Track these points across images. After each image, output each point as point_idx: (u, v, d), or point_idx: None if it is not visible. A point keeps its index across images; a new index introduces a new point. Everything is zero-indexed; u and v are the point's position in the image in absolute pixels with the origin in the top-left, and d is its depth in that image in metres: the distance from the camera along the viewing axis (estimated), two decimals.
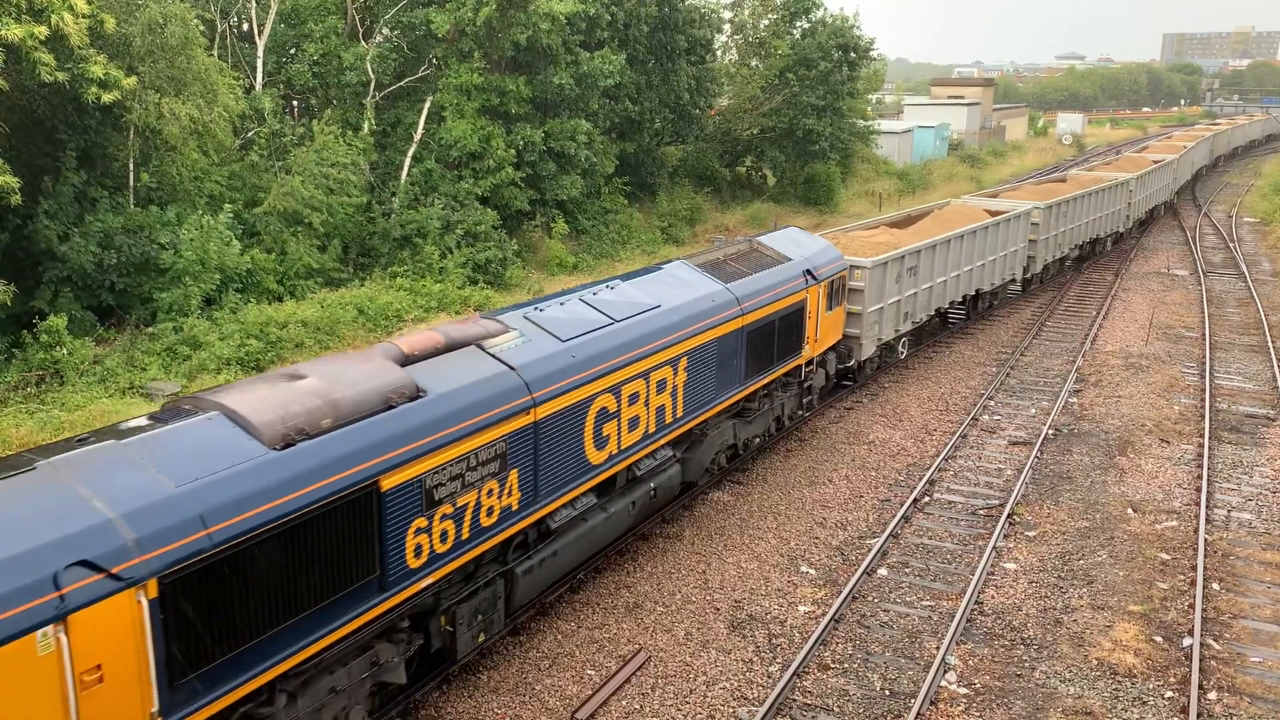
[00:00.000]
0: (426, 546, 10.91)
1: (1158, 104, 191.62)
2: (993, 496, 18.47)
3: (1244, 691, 12.71)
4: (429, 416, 10.84)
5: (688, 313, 15.85)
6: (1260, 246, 45.79)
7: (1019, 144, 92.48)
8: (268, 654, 9.25)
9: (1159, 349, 28.08)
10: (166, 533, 8.29)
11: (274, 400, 9.99)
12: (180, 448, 9.07)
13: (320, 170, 28.11)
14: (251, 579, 9.00)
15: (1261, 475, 19.47)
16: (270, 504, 9.08)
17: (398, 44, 34.25)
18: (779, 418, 20.21)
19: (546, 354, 12.89)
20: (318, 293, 26.96)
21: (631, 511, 15.03)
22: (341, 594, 9.92)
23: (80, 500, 8.12)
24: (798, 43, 48.76)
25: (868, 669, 13.12)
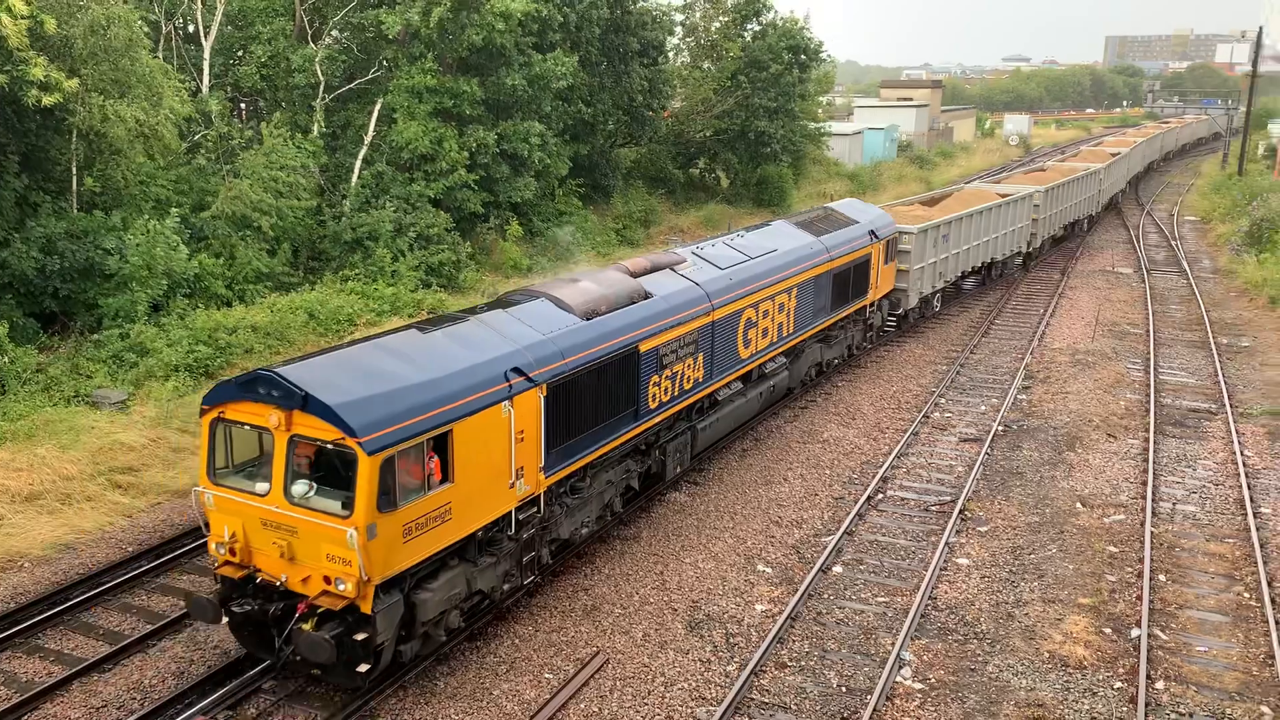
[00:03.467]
0: (658, 395, 16.32)
1: (1101, 105, 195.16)
2: (945, 493, 18.70)
3: (1190, 680, 13.00)
4: (657, 310, 16.35)
5: (795, 256, 21.37)
6: (1201, 244, 46.83)
7: (967, 145, 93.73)
8: (585, 447, 14.56)
9: (1105, 345, 28.61)
10: (546, 359, 13.58)
11: (574, 291, 15.39)
12: (534, 315, 14.39)
13: (269, 173, 27.74)
14: (581, 397, 14.19)
15: (1204, 468, 19.91)
16: (587, 351, 14.36)
17: (347, 45, 33.92)
18: (849, 346, 25.81)
19: (714, 276, 18.38)
20: (268, 297, 26.60)
21: (760, 399, 20.68)
22: (618, 416, 15.28)
23: (503, 338, 13.45)
24: (749, 45, 49.06)
25: (824, 666, 13.23)
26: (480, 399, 12.23)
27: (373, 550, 10.94)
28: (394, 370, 11.84)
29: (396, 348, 12.44)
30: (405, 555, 11.43)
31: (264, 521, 11.52)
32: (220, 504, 11.82)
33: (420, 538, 11.55)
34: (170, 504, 17.69)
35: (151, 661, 13.06)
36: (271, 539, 11.49)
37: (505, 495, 12.87)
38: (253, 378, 11.44)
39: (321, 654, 10.99)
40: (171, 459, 19.10)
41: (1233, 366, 26.68)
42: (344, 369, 11.75)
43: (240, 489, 11.73)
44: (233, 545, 11.70)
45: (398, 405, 11.32)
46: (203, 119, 29.09)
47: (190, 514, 17.35)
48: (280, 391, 11.16)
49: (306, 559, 11.32)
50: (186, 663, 13.03)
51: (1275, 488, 18.93)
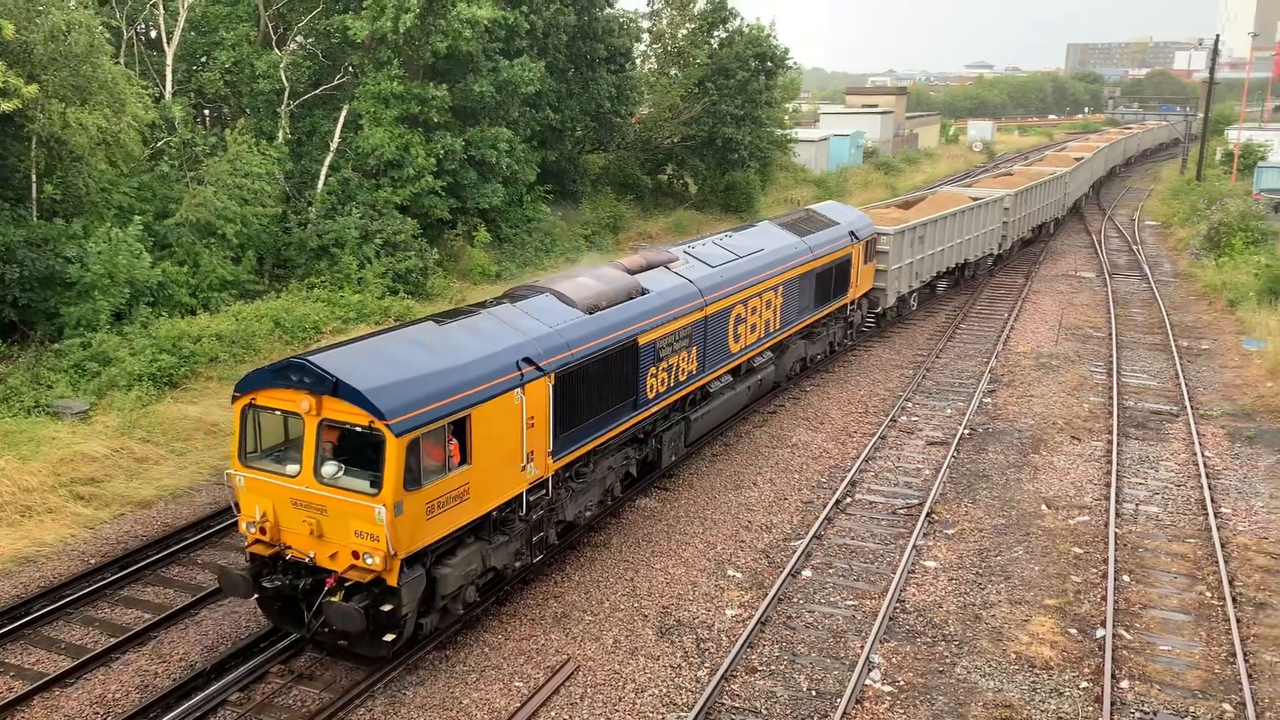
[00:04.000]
0: (655, 386, 17.24)
1: (1063, 111, 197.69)
2: (912, 496, 18.84)
3: (1154, 679, 13.16)
4: (653, 305, 17.21)
5: (780, 255, 22.25)
6: (1161, 248, 47.53)
7: (931, 151, 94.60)
8: (589, 434, 15.44)
9: (1068, 349, 28.96)
10: (554, 349, 14.46)
11: (576, 287, 16.28)
12: (541, 309, 15.28)
13: (234, 180, 27.49)
14: (585, 386, 15.06)
15: (1167, 469, 20.20)
16: (590, 343, 15.22)
17: (312, 51, 33.71)
18: (831, 343, 26.78)
19: (706, 274, 19.29)
20: (232, 305, 26.35)
21: (749, 392, 21.70)
22: (619, 405, 16.18)
23: (513, 330, 14.29)
24: (716, 52, 49.28)
25: (794, 670, 13.28)
26: (495, 386, 13.14)
27: (399, 526, 11.76)
28: (416, 359, 12.74)
29: (417, 338, 13.42)
30: (428, 532, 12.27)
31: (294, 501, 12.26)
32: (251, 485, 12.55)
33: (441, 515, 12.41)
34: (134, 515, 17.47)
35: (115, 675, 12.88)
36: (301, 518, 12.25)
37: (517, 478, 13.79)
38: (285, 365, 12.26)
39: (352, 623, 11.75)
40: (135, 469, 18.86)
41: (1193, 369, 27.09)
42: (370, 357, 12.62)
43: (271, 471, 12.50)
44: (263, 525, 12.41)
45: (421, 391, 12.19)
46: (166, 125, 28.78)
47: (154, 525, 17.15)
48: (311, 378, 11.97)
49: (335, 536, 12.08)
50: (151, 675, 12.86)
51: (1235, 488, 19.24)
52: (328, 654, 13.18)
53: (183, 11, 30.07)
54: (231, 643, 13.57)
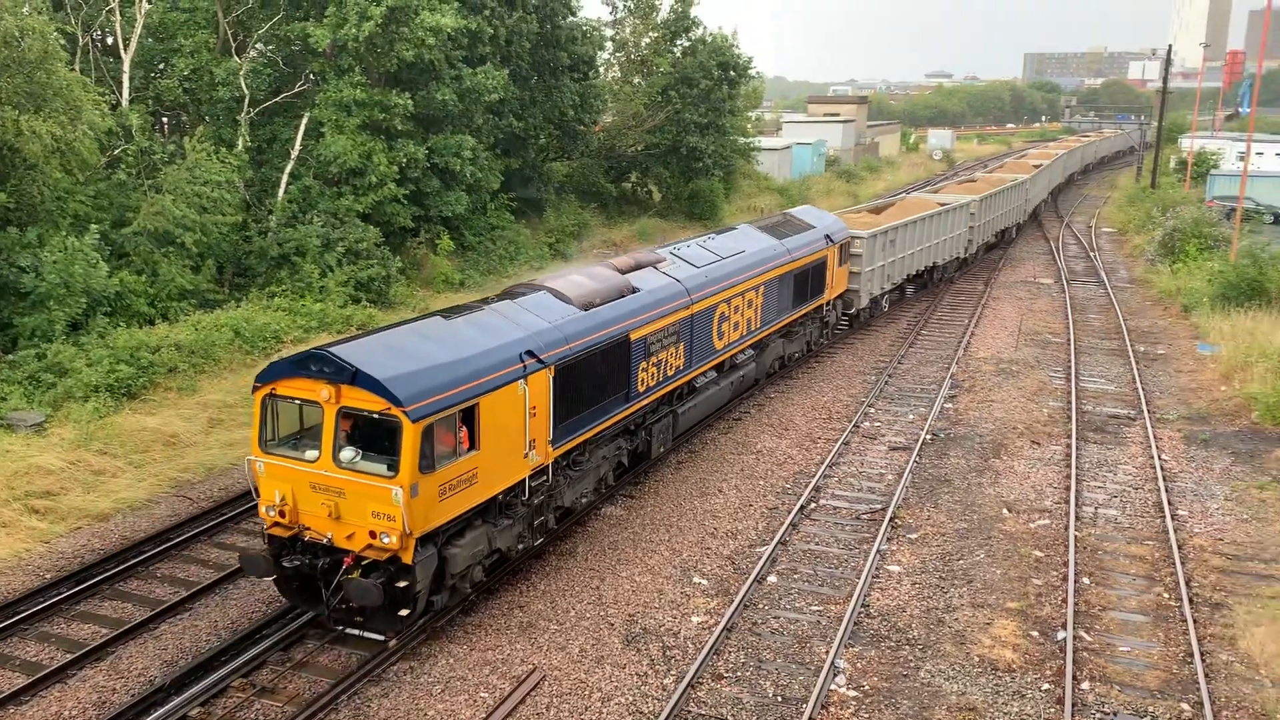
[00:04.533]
0: (646, 380, 18.00)
1: (1021, 120, 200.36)
2: (875, 501, 18.97)
3: (1114, 680, 13.34)
4: (643, 302, 17.97)
5: (760, 257, 23.11)
6: (1118, 255, 48.29)
7: (892, 159, 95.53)
8: (585, 424, 16.14)
9: (1028, 354, 29.32)
10: (554, 343, 15.20)
11: (571, 285, 17.00)
12: (540, 306, 16.01)
13: (193, 188, 27.17)
14: (582, 379, 15.79)
15: (1125, 473, 20.49)
16: (587, 338, 15.97)
17: (273, 59, 33.42)
18: (808, 342, 27.78)
19: (692, 273, 20.13)
20: (192, 315, 26.04)
21: (731, 388, 22.58)
22: (613, 397, 16.91)
23: (515, 324, 15.04)
24: (679, 60, 49.48)
25: (760, 676, 13.31)
26: (500, 377, 13.93)
27: (414, 507, 12.50)
28: (427, 351, 13.52)
29: (427, 332, 14.20)
30: (440, 513, 13.02)
31: (313, 485, 12.95)
32: (271, 471, 13.24)
33: (452, 498, 13.15)
34: (91, 528, 17.18)
35: (71, 692, 12.65)
36: (320, 500, 12.92)
37: (520, 464, 14.55)
38: (305, 356, 12.94)
39: (371, 598, 12.47)
40: (92, 482, 18.56)
41: (1150, 373, 27.52)
42: (385, 349, 13.31)
43: (290, 456, 13.16)
44: (282, 508, 13.09)
45: (433, 381, 12.95)
46: (123, 133, 28.39)
47: (111, 539, 16.89)
48: (331, 368, 12.68)
49: (352, 517, 12.77)
50: (109, 692, 12.65)
51: (1191, 490, 19.56)
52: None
53: (140, 18, 29.72)
54: (192, 657, 13.38)
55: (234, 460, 20.23)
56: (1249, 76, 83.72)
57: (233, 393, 23.08)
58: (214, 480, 19.39)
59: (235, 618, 14.43)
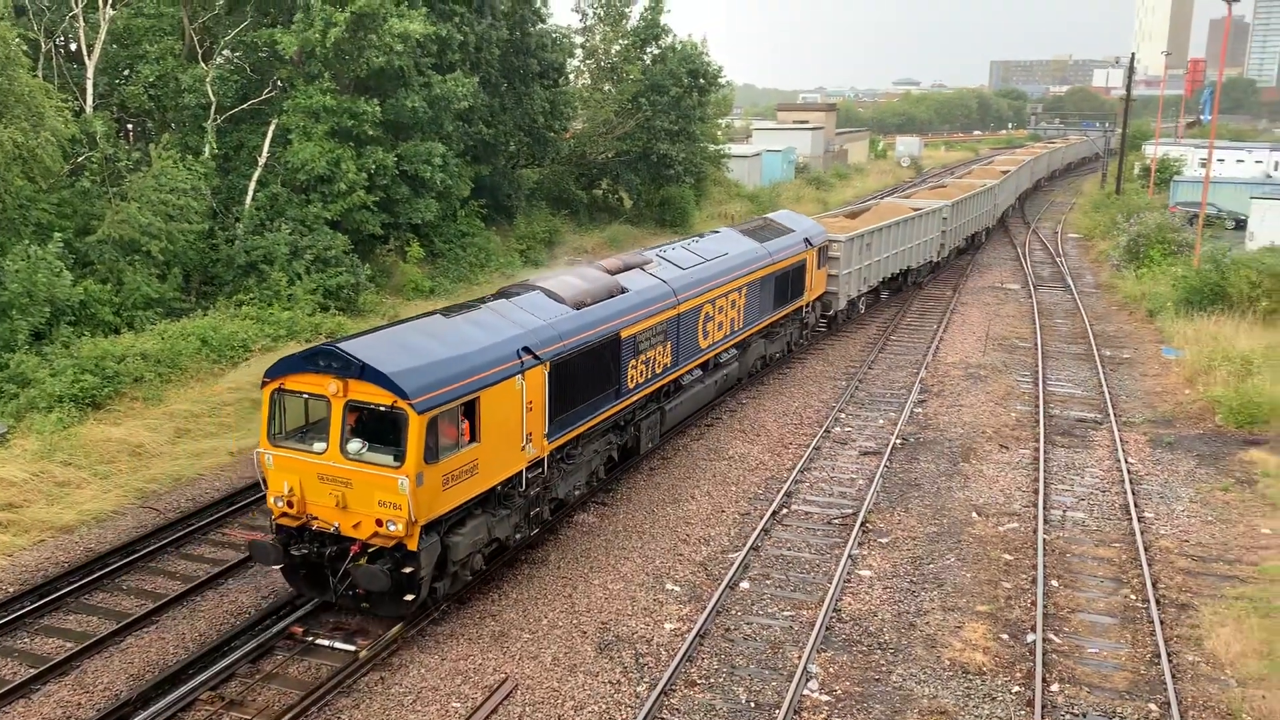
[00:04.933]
0: (635, 377, 18.63)
1: (988, 127, 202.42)
2: (847, 506, 19.05)
3: (1083, 682, 13.46)
4: (632, 302, 18.61)
5: (742, 259, 23.76)
6: (1084, 260, 48.84)
7: (861, 166, 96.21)
8: (578, 420, 16.75)
9: (995, 359, 29.58)
10: (548, 340, 15.77)
11: (563, 285, 17.55)
12: (534, 305, 16.58)
13: (159, 196, 26.88)
14: (576, 375, 16.36)
15: (1092, 476, 20.70)
16: (580, 335, 16.54)
17: (240, 65, 33.16)
18: (789, 342, 28.49)
19: (677, 275, 20.72)
20: (158, 324, 25.74)
21: (715, 386, 23.26)
22: (603, 393, 17.55)
23: (512, 323, 15.62)
24: (649, 68, 49.61)
25: (733, 682, 13.31)
26: (499, 372, 14.50)
27: (420, 495, 13.03)
28: (430, 347, 14.07)
29: (429, 329, 14.81)
30: (444, 501, 13.57)
31: (321, 476, 13.44)
32: (279, 463, 13.73)
33: (455, 487, 13.73)
34: (55, 541, 16.93)
35: (35, 707, 12.45)
36: (327, 491, 13.43)
37: (518, 456, 15.11)
38: (314, 352, 13.56)
39: (378, 583, 13.02)
40: (56, 494, 18.29)
41: (1116, 377, 27.84)
42: (390, 345, 13.86)
43: (298, 449, 13.65)
44: (290, 499, 13.59)
45: (437, 375, 13.52)
46: (87, 140, 28.05)
47: (76, 551, 16.65)
48: (339, 363, 13.24)
49: (358, 506, 13.28)
50: (73, 707, 12.45)
51: (1157, 493, 19.79)
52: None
53: (104, 24, 29.40)
54: (159, 670, 13.20)
55: (201, 471, 20.02)
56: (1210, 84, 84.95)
57: (200, 402, 22.85)
58: (181, 491, 19.17)
59: (203, 630, 14.26)
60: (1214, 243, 39.68)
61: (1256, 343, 27.99)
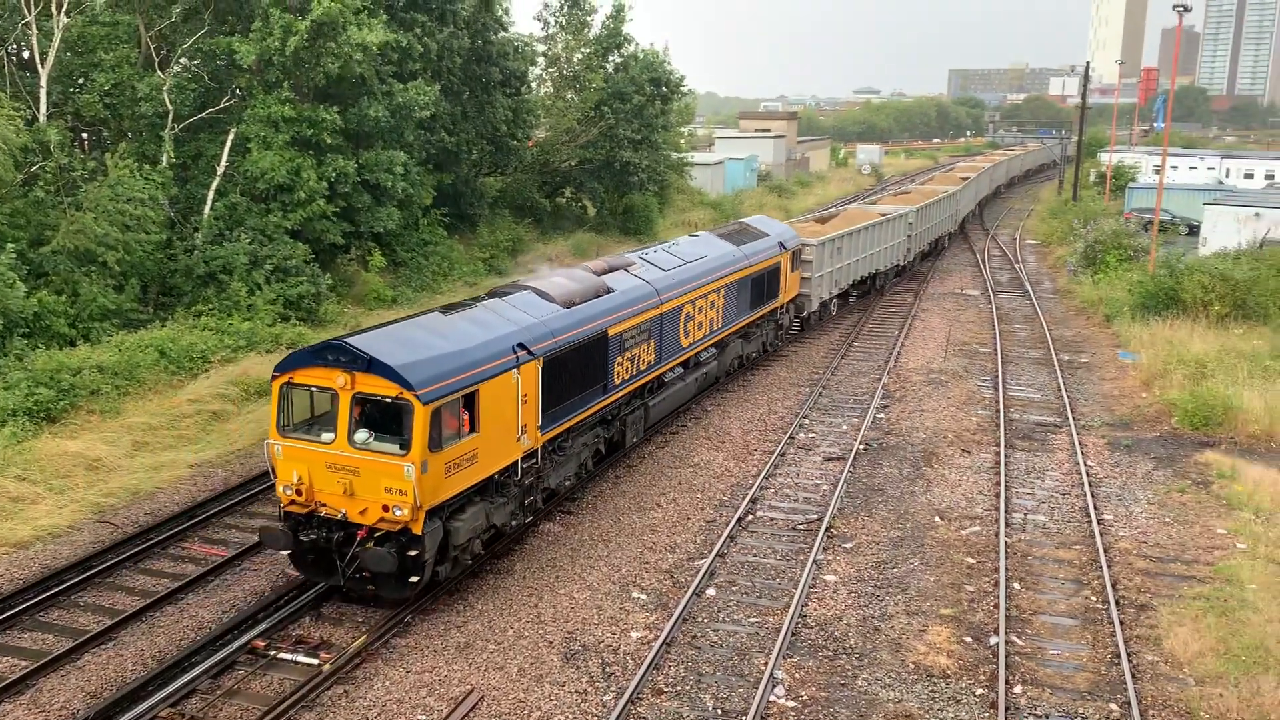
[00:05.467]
0: (622, 373, 19.46)
1: (946, 135, 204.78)
2: (811, 512, 19.14)
3: (1045, 683, 13.60)
4: (618, 301, 19.44)
5: (721, 262, 24.64)
6: (1042, 266, 49.50)
7: (822, 174, 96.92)
8: (568, 413, 17.57)
9: (956, 364, 29.88)
10: (541, 337, 16.56)
11: (553, 285, 18.39)
12: (526, 304, 17.39)
13: (115, 206, 26.49)
14: (566, 371, 17.16)
15: (1052, 479, 20.96)
16: (570, 333, 17.38)
17: (198, 74, 32.80)
18: (764, 342, 29.34)
19: (660, 276, 21.56)
20: (115, 335, 25.35)
21: (696, 384, 24.13)
22: (592, 389, 18.33)
23: (506, 320, 16.38)
24: (611, 76, 49.67)
25: (700, 690, 13.31)
26: (497, 366, 15.27)
27: (424, 482, 13.75)
28: (432, 342, 14.84)
29: (429, 325, 15.59)
30: (446, 488, 14.29)
31: (329, 465, 14.12)
32: (288, 453, 14.35)
33: (456, 475, 14.45)
34: (8, 557, 16.59)
35: None
36: (335, 479, 14.09)
37: (513, 447, 15.86)
38: (323, 347, 14.29)
39: (385, 565, 13.73)
40: (10, 509, 17.93)
41: (1074, 381, 28.22)
42: (394, 340, 14.58)
43: (307, 439, 14.31)
44: (299, 487, 14.23)
45: (439, 369, 14.24)
46: (40, 149, 27.60)
47: (31, 567, 16.33)
48: (347, 357, 13.96)
49: (365, 494, 13.97)
50: None
51: (1115, 495, 20.07)
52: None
53: (58, 31, 28.96)
54: (117, 688, 12.98)
55: (160, 484, 19.73)
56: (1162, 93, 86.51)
57: (158, 415, 22.52)
58: (139, 505, 18.87)
59: (163, 646, 14.04)
60: (1168, 248, 40.44)
61: (1210, 346, 28.49)
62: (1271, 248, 39.60)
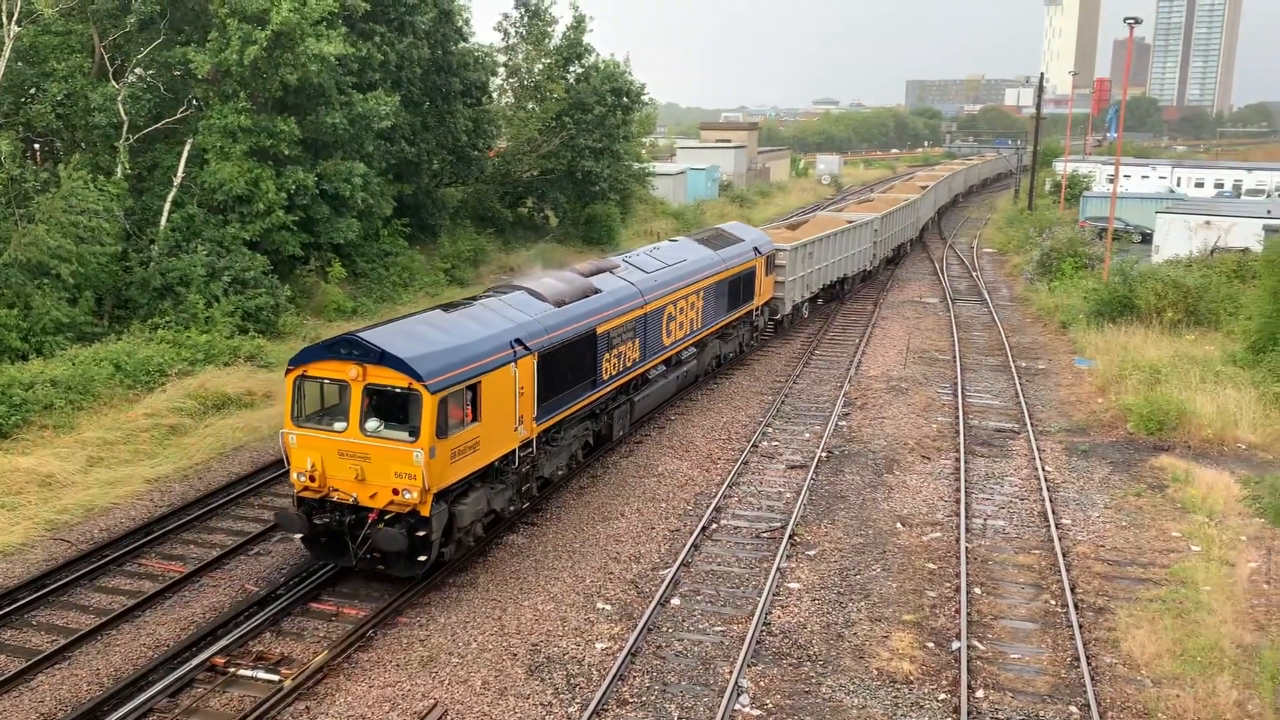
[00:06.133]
0: (609, 369, 20.56)
1: (905, 145, 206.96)
2: (775, 519, 19.22)
3: (1007, 687, 13.74)
4: (606, 301, 20.58)
5: (700, 265, 25.81)
6: (999, 274, 50.13)
7: (783, 184, 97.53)
8: (561, 406, 18.63)
9: (916, 372, 30.16)
10: (536, 333, 17.63)
11: (545, 285, 19.53)
12: (521, 303, 18.42)
13: (69, 218, 26.09)
14: (559, 366, 18.20)
15: (1010, 484, 21.20)
16: (562, 330, 18.49)
17: (153, 84, 32.41)
18: (741, 343, 30.60)
19: (643, 278, 22.71)
20: (69, 349, 24.94)
21: (677, 382, 25.25)
22: (583, 383, 19.44)
23: (503, 317, 17.43)
24: (572, 87, 49.73)
25: (665, 700, 13.30)
26: (496, 360, 16.30)
27: (432, 466, 14.68)
28: (437, 337, 15.82)
29: (433, 322, 16.58)
30: (452, 473, 15.25)
31: (341, 452, 15.03)
32: (302, 441, 15.23)
33: (461, 461, 15.42)
34: None
35: None
36: (347, 465, 15.01)
37: (511, 436, 16.88)
38: (336, 342, 15.29)
39: (396, 544, 14.67)
40: None
41: (1032, 388, 28.58)
42: (402, 335, 15.53)
43: (320, 428, 15.22)
44: (312, 473, 15.10)
45: (445, 361, 15.24)
46: None
47: None
48: (360, 350, 14.91)
49: (376, 479, 14.89)
50: None
51: (1073, 500, 20.34)
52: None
53: (8, 41, 28.49)
54: (71, 709, 12.73)
55: (115, 500, 19.41)
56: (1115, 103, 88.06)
57: (114, 429, 22.17)
58: (93, 521, 18.55)
59: (119, 665, 13.80)
60: (1122, 256, 41.09)
61: (1163, 352, 28.99)
62: (1222, 255, 40.39)
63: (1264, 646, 14.47)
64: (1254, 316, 28.82)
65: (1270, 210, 46.68)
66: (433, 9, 39.46)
